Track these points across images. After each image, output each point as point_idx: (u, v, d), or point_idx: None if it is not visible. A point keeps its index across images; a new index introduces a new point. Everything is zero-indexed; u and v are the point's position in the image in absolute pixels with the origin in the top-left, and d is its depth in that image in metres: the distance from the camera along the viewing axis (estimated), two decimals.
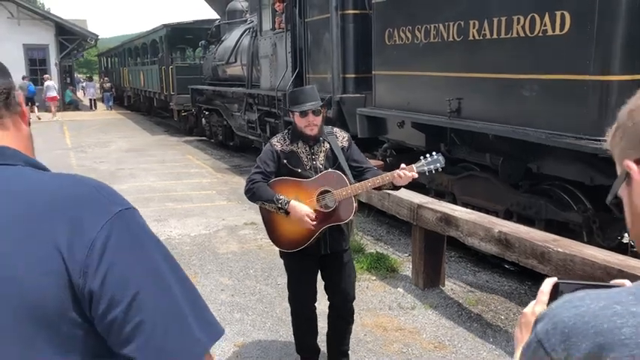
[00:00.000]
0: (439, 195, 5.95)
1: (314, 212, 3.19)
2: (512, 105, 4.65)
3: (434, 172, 3.30)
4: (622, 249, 4.35)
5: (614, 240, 4.55)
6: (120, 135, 17.13)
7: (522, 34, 4.45)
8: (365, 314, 4.31)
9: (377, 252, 5.61)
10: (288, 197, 3.18)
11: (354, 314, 3.54)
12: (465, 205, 5.27)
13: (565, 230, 4.55)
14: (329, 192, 3.22)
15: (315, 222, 3.18)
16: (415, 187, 5.55)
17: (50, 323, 0.90)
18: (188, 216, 7.46)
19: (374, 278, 5.05)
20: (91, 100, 29.20)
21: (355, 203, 3.28)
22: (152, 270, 0.95)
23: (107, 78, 32.45)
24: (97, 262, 0.90)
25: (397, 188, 3.33)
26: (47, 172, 1.04)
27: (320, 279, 3.47)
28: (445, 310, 4.37)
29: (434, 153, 3.29)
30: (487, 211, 5.12)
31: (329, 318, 3.52)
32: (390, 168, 5.75)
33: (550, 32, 4.22)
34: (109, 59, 34.90)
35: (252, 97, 10.80)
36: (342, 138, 3.37)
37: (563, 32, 4.13)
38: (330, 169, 3.26)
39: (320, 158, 3.29)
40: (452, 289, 4.79)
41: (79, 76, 46.14)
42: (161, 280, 0.95)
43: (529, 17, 4.37)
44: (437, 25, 5.43)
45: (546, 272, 3.44)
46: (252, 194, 3.26)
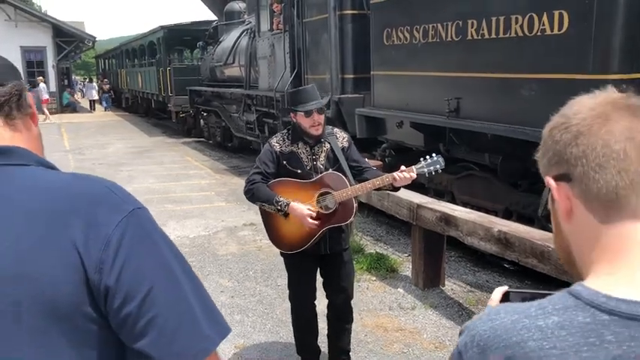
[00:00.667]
0: (438, 195, 5.95)
1: (314, 212, 3.18)
2: (511, 104, 4.65)
3: (433, 174, 3.29)
4: None
5: None
6: (118, 137, 17.12)
7: (521, 34, 4.46)
8: (365, 315, 4.30)
9: (377, 252, 5.61)
10: (287, 199, 3.18)
11: (354, 314, 3.55)
12: (465, 205, 5.27)
13: None
14: (329, 193, 3.21)
15: (316, 220, 3.18)
16: (414, 187, 5.55)
17: (66, 318, 0.92)
18: (187, 217, 7.45)
19: (374, 279, 5.05)
20: (91, 102, 29.20)
21: (355, 204, 3.28)
22: (164, 267, 0.98)
23: (106, 80, 32.44)
24: (113, 259, 0.93)
25: (397, 189, 3.32)
26: (60, 172, 1.06)
27: (319, 277, 3.47)
28: (445, 310, 4.37)
29: (434, 154, 3.28)
30: (486, 211, 5.13)
31: (328, 318, 3.52)
32: (389, 168, 5.79)
33: (548, 32, 4.23)
34: (107, 61, 34.88)
35: (250, 98, 10.80)
36: (342, 138, 3.36)
37: (561, 31, 4.13)
38: (330, 171, 3.26)
39: (321, 159, 3.28)
40: (452, 289, 4.79)
41: (77, 78, 46.12)
42: (173, 277, 0.98)
43: (527, 17, 4.37)
44: (435, 25, 5.43)
45: (546, 271, 3.44)
46: (251, 195, 3.25)
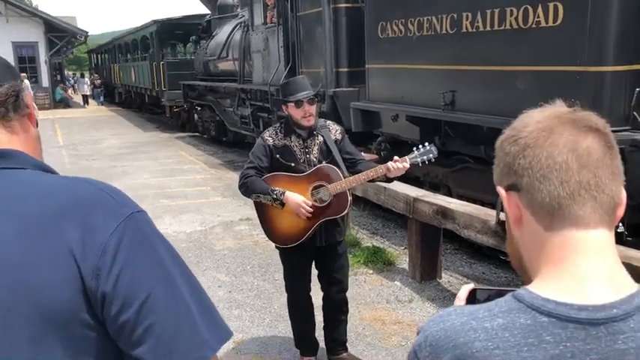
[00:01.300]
0: (434, 187, 5.96)
1: (310, 203, 3.18)
2: (506, 97, 4.66)
3: (427, 163, 3.30)
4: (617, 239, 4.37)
5: None
6: (112, 132, 17.05)
7: (516, 26, 4.45)
8: (363, 308, 4.32)
9: (373, 246, 5.62)
10: (283, 189, 3.18)
11: (352, 308, 3.58)
12: (460, 198, 5.28)
13: None
14: (323, 186, 3.22)
15: (311, 213, 3.19)
16: (409, 180, 5.56)
17: (62, 325, 0.90)
18: (183, 212, 7.44)
19: (371, 272, 5.06)
20: (84, 97, 29.10)
21: (350, 197, 3.28)
22: (163, 272, 0.96)
23: (97, 75, 32.31)
24: (110, 265, 0.91)
25: (390, 180, 3.33)
26: (57, 176, 1.04)
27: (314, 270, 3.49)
28: (443, 303, 4.39)
29: (426, 144, 3.29)
30: (482, 203, 5.14)
31: (324, 310, 3.54)
32: (385, 161, 5.77)
33: (543, 24, 4.23)
34: (99, 56, 34.68)
35: (244, 92, 10.77)
36: (335, 131, 3.36)
37: (556, 24, 4.13)
38: (324, 163, 3.26)
39: (314, 152, 3.28)
40: (449, 282, 4.81)
41: (69, 73, 45.85)
42: (171, 282, 0.96)
43: (522, 9, 4.37)
44: (430, 18, 5.42)
45: None
46: (245, 188, 3.26)
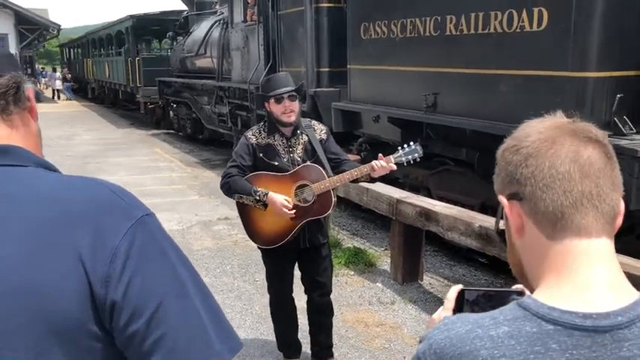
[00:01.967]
0: (414, 189, 5.97)
1: (293, 207, 3.15)
2: (489, 100, 4.68)
3: (412, 163, 3.28)
4: None
5: None
6: (85, 128, 16.75)
7: (500, 30, 4.48)
8: (345, 310, 4.30)
9: (354, 247, 5.60)
10: (266, 189, 3.14)
11: (334, 309, 3.54)
12: (440, 200, 5.30)
13: None
14: (307, 186, 3.18)
15: (294, 215, 3.15)
16: (389, 181, 5.56)
17: (69, 336, 0.85)
18: (159, 211, 7.26)
19: (352, 273, 5.04)
20: (54, 91, 28.58)
21: (334, 197, 3.26)
22: (174, 279, 0.91)
23: (67, 69, 31.79)
24: (120, 272, 0.86)
25: (374, 180, 3.31)
26: (61, 175, 0.98)
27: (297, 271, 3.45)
28: (425, 305, 4.39)
29: (411, 143, 3.27)
30: (462, 206, 5.16)
31: (308, 312, 3.51)
32: (366, 162, 5.78)
33: (528, 28, 4.26)
34: (72, 50, 34.05)
35: (222, 90, 10.67)
36: (321, 130, 3.33)
37: (540, 28, 4.17)
38: (308, 163, 3.22)
39: (298, 151, 3.25)
40: (430, 284, 4.82)
41: (39, 67, 44.96)
42: (182, 290, 0.91)
43: (507, 13, 4.39)
44: (413, 20, 5.43)
45: None
46: (227, 188, 3.21)
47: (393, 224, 4.77)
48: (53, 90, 28.84)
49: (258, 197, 3.11)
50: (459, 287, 1.03)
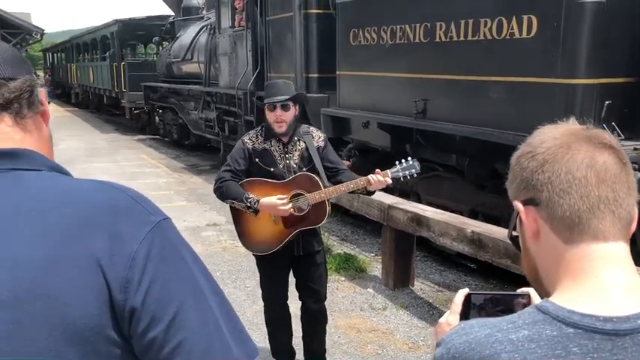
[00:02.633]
0: (403, 194, 5.99)
1: (286, 198, 3.12)
2: (478, 107, 4.72)
3: (409, 178, 3.28)
4: None
5: None
6: (69, 133, 16.57)
7: (489, 37, 4.52)
8: (337, 316, 4.29)
9: (344, 252, 5.60)
10: (258, 196, 3.12)
11: (327, 315, 3.53)
12: (429, 205, 5.32)
13: None
14: (302, 195, 3.17)
15: (287, 222, 3.14)
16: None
17: (86, 341, 0.84)
18: None
19: (343, 279, 5.04)
20: None
21: (329, 207, 3.24)
22: (192, 285, 0.90)
23: (41, 74, 31.61)
24: (139, 277, 0.85)
25: (371, 193, 3.31)
26: (76, 179, 0.97)
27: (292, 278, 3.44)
28: (416, 310, 4.40)
29: (409, 158, 3.25)
30: (452, 211, 5.19)
31: (302, 319, 3.49)
32: (354, 168, 5.79)
33: (517, 35, 4.30)
34: (56, 55, 33.74)
35: (210, 96, 10.64)
36: (319, 138, 3.32)
37: (530, 36, 4.21)
38: (304, 172, 3.21)
39: (294, 157, 3.23)
40: (421, 289, 4.83)
41: None
42: (201, 296, 0.90)
43: (496, 20, 4.44)
44: (403, 27, 5.46)
45: (520, 272, 3.50)
46: (220, 193, 3.19)
47: (384, 230, 4.78)
48: None
49: (249, 204, 3.10)
50: (466, 291, 1.03)
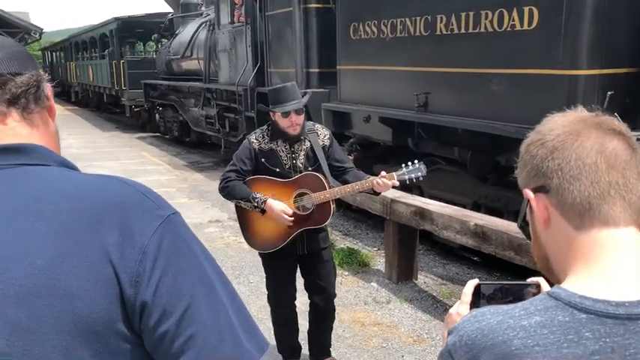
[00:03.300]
0: (406, 189, 5.97)
1: (291, 211, 3.13)
2: (480, 99, 4.71)
3: (415, 181, 3.26)
4: None
5: None
6: (69, 132, 16.56)
7: (490, 29, 4.51)
8: (341, 310, 4.29)
9: (347, 247, 5.60)
10: (265, 195, 3.12)
11: (335, 313, 3.53)
12: (432, 199, 5.32)
13: None
14: (307, 194, 3.16)
15: (291, 223, 3.13)
16: None
17: (97, 337, 0.84)
18: None
19: (346, 273, 5.04)
20: None
21: (333, 206, 3.23)
22: (202, 278, 0.90)
23: (48, 73, 31.52)
24: (150, 271, 0.85)
25: (377, 194, 3.30)
26: (85, 173, 0.96)
27: (299, 276, 3.43)
28: (420, 304, 4.41)
29: (416, 161, 3.22)
30: (455, 204, 5.18)
31: (310, 315, 3.49)
32: (356, 163, 5.78)
33: (518, 27, 4.29)
34: (55, 53, 33.69)
35: (210, 92, 10.63)
36: (324, 136, 3.29)
37: (531, 27, 4.20)
38: (310, 171, 3.20)
39: (300, 157, 3.21)
40: (425, 282, 4.83)
41: None
42: (211, 290, 0.90)
43: (497, 12, 4.42)
44: (403, 20, 5.44)
45: (524, 264, 3.51)
46: (227, 192, 3.19)
47: (387, 224, 4.77)
48: None
49: (256, 204, 3.10)
50: (476, 282, 1.03)
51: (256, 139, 3.23)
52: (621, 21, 3.94)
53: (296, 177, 3.18)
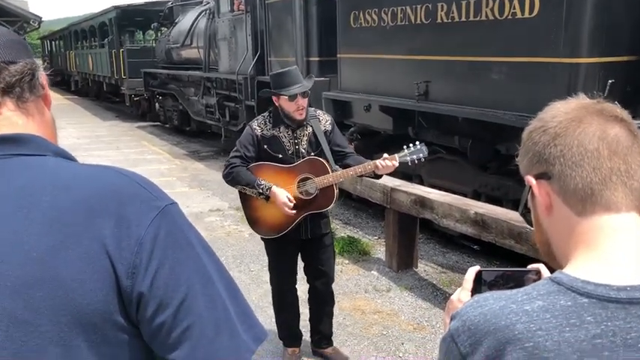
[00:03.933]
0: (406, 177, 5.99)
1: (294, 199, 3.15)
2: (481, 87, 4.70)
3: (417, 162, 3.27)
4: None
5: None
6: (69, 121, 16.55)
7: (491, 17, 4.49)
8: (342, 298, 4.31)
9: (348, 236, 5.62)
10: (269, 182, 3.13)
11: (334, 297, 3.56)
12: (432, 187, 5.32)
13: None
14: (310, 179, 3.18)
15: (294, 209, 3.15)
16: None
17: (94, 328, 0.84)
18: None
19: (347, 262, 5.06)
20: None
21: (336, 191, 3.25)
22: (199, 269, 0.90)
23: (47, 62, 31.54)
24: (147, 262, 0.85)
25: (378, 177, 3.31)
26: (81, 164, 0.96)
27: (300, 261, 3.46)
28: (420, 292, 4.43)
29: (417, 143, 3.25)
30: (455, 193, 5.19)
31: (310, 301, 3.52)
32: (357, 152, 5.78)
33: (519, 15, 4.27)
34: (54, 42, 33.56)
35: (210, 81, 10.60)
36: (325, 121, 3.30)
37: (532, 15, 4.18)
38: (312, 155, 3.21)
39: (303, 143, 3.22)
40: (425, 271, 4.85)
41: None
42: (208, 280, 0.90)
43: (498, 0, 4.40)
44: (404, 8, 5.42)
45: (524, 252, 3.52)
46: (231, 178, 3.20)
47: (388, 212, 4.78)
48: None
49: (261, 190, 3.11)
50: (477, 268, 1.04)
51: (258, 126, 3.24)
52: (622, 9, 3.92)
53: (299, 162, 3.19)
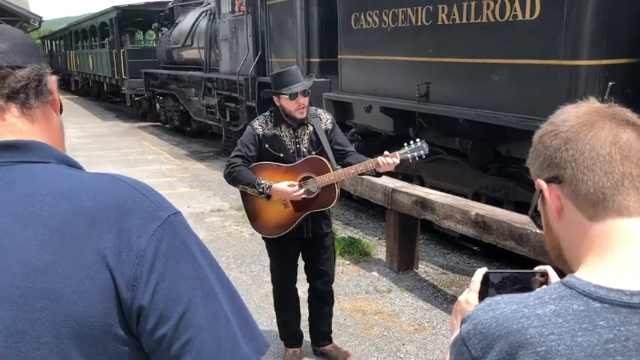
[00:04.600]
0: (407, 178, 6.01)
1: (296, 184, 3.15)
2: (481, 89, 4.71)
3: (417, 160, 3.29)
4: None
5: None
6: (70, 121, 16.54)
7: (492, 19, 4.50)
8: (343, 299, 4.33)
9: (348, 236, 5.63)
10: (270, 181, 3.15)
11: (334, 297, 3.57)
12: (433, 189, 5.34)
13: None
14: (311, 178, 3.19)
15: (297, 204, 3.16)
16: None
17: (94, 340, 0.83)
18: None
19: (347, 263, 5.08)
20: None
21: (338, 189, 3.26)
22: (201, 281, 0.89)
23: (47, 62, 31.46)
24: (147, 275, 0.84)
25: (380, 175, 3.32)
26: (84, 172, 0.95)
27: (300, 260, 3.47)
28: (421, 293, 4.44)
29: (417, 140, 3.26)
30: (455, 194, 5.21)
31: (310, 301, 3.53)
32: (357, 151, 5.79)
33: (520, 17, 4.29)
34: (54, 42, 33.55)
35: (211, 82, 10.61)
36: (326, 120, 3.32)
37: (533, 17, 4.20)
38: (313, 154, 3.23)
39: (304, 142, 3.24)
40: (425, 272, 4.86)
41: None
42: (210, 292, 0.89)
43: (499, 2, 4.42)
44: (405, 10, 5.43)
45: (524, 253, 3.53)
46: (232, 178, 3.21)
47: (389, 213, 4.80)
48: None
49: (261, 190, 3.12)
50: (484, 270, 1.05)
51: (259, 125, 3.25)
52: (623, 11, 3.94)
53: (300, 161, 3.20)
